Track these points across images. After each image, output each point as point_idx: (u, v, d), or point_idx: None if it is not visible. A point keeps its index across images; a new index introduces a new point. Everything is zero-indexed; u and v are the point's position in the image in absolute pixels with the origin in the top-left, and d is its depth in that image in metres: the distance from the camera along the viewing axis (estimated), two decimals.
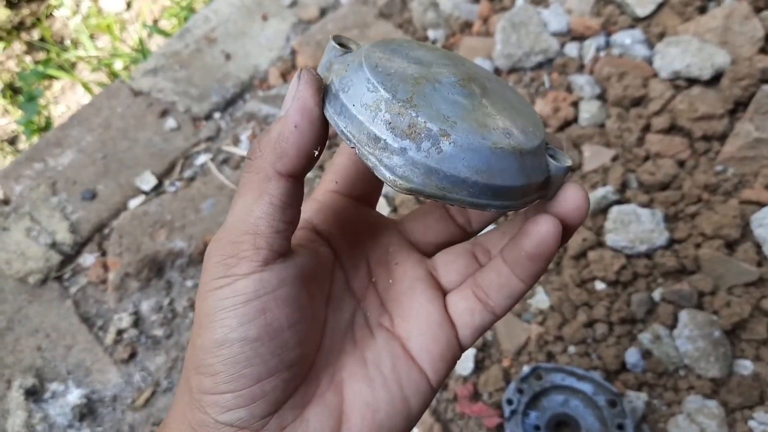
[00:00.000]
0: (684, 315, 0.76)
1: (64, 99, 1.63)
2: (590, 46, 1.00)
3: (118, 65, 1.56)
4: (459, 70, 0.31)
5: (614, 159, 0.89)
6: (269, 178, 0.29)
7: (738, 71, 0.88)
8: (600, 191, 0.85)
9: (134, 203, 1.02)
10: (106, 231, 1.00)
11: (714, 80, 0.91)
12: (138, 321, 0.91)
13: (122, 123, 1.12)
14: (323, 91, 0.29)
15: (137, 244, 0.95)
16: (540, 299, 0.82)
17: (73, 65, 1.67)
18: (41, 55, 1.73)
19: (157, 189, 1.04)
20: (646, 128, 0.91)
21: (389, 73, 0.29)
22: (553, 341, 0.79)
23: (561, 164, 0.30)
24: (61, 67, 1.61)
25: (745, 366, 0.73)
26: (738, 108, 0.88)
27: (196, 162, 1.06)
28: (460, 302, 0.34)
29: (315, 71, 0.30)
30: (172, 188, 1.04)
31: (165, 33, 1.54)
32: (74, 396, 0.85)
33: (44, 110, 1.54)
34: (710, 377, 0.73)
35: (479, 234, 0.38)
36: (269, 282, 0.29)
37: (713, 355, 0.73)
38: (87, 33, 1.69)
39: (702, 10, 0.97)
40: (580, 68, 0.99)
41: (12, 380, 0.86)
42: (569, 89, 0.97)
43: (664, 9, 0.99)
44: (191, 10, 1.58)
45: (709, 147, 0.87)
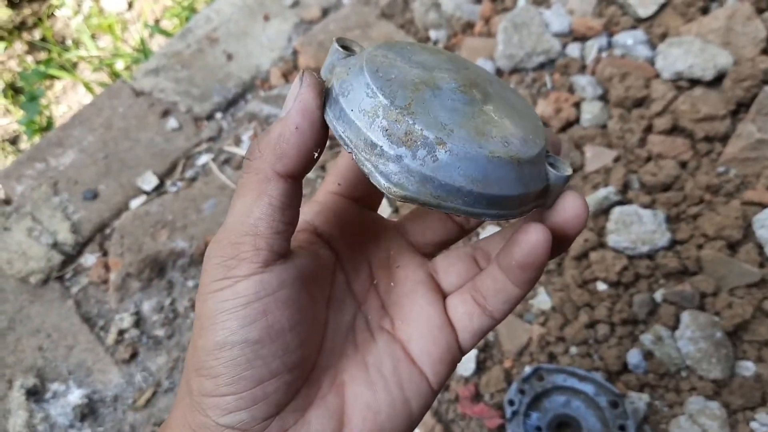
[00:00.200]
0: (686, 316, 0.76)
1: (66, 99, 1.63)
2: (592, 47, 0.99)
3: (120, 65, 1.57)
4: (461, 75, 0.31)
5: (616, 160, 0.89)
6: (269, 179, 0.29)
7: (740, 72, 0.87)
8: (602, 192, 0.85)
9: (136, 203, 1.02)
10: (108, 231, 1.00)
11: (716, 81, 0.91)
12: (139, 321, 0.91)
13: (124, 123, 1.12)
14: (324, 95, 0.29)
15: (139, 244, 0.95)
16: (542, 300, 0.82)
17: (75, 65, 1.67)
18: (43, 55, 1.73)
19: (159, 189, 1.04)
20: (648, 129, 0.91)
21: (389, 78, 0.29)
22: (555, 342, 0.79)
23: (560, 173, 0.30)
24: (63, 67, 1.61)
25: (747, 367, 0.73)
26: (740, 109, 0.88)
27: (198, 162, 1.06)
28: (460, 306, 0.34)
29: (317, 74, 0.30)
30: (174, 188, 1.04)
31: (166, 33, 1.54)
32: (75, 396, 0.85)
33: (46, 110, 1.54)
34: (712, 378, 0.73)
35: (481, 238, 0.38)
36: (270, 283, 0.29)
37: (715, 357, 0.73)
38: (88, 33, 1.69)
39: (704, 11, 0.97)
40: (582, 69, 0.99)
41: (13, 380, 0.86)
42: (571, 90, 0.97)
43: (667, 9, 0.99)
44: (193, 10, 1.58)
45: (711, 148, 0.87)
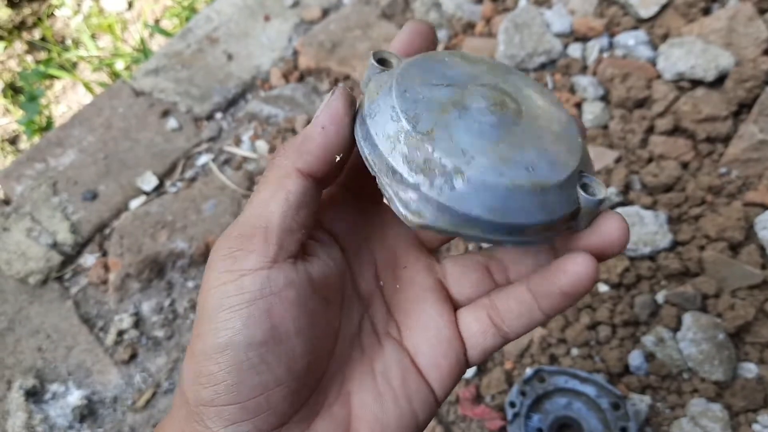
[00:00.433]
0: (688, 317, 0.75)
1: (65, 99, 1.63)
2: (593, 47, 0.99)
3: (120, 65, 1.56)
4: (495, 91, 0.30)
5: (617, 160, 0.89)
6: (288, 175, 0.29)
7: (742, 73, 0.87)
8: None
9: (135, 204, 1.02)
10: (107, 231, 1.00)
11: (718, 82, 0.90)
12: (139, 322, 0.90)
13: (123, 123, 1.11)
14: (357, 109, 0.30)
15: (138, 245, 0.95)
16: None
17: (75, 65, 1.67)
18: (42, 55, 1.73)
19: (159, 189, 1.04)
20: (650, 130, 0.90)
21: (417, 100, 0.29)
22: (556, 344, 0.78)
23: (593, 197, 0.28)
24: (63, 67, 1.61)
25: (750, 369, 0.73)
26: (742, 110, 0.88)
27: (198, 162, 1.06)
28: (474, 323, 0.32)
29: (350, 89, 0.30)
30: (174, 189, 1.03)
31: (167, 33, 1.53)
32: (75, 397, 0.84)
33: (45, 110, 1.54)
34: (714, 380, 0.73)
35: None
36: (276, 281, 0.27)
37: (717, 358, 0.73)
38: (88, 32, 1.69)
39: (706, 12, 0.97)
40: (584, 69, 0.99)
41: (12, 381, 0.86)
42: (572, 90, 0.97)
43: (668, 10, 0.99)
44: (193, 10, 1.58)
45: (713, 149, 0.87)
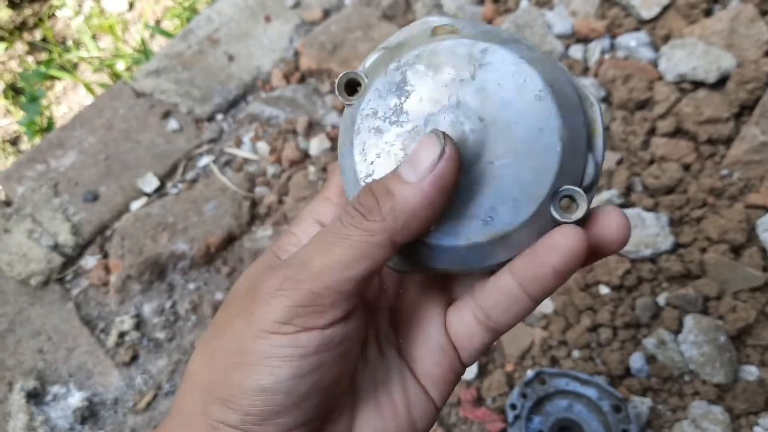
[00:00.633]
0: (689, 320, 0.75)
1: (66, 100, 1.63)
2: (595, 49, 0.99)
3: (121, 66, 1.56)
4: (454, 126, 0.29)
5: (619, 162, 0.89)
6: (382, 246, 0.27)
7: (744, 74, 0.87)
8: (605, 195, 0.85)
9: (136, 205, 1.02)
10: (108, 233, 1.00)
11: (720, 83, 0.90)
12: (140, 323, 0.90)
13: (124, 124, 1.11)
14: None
15: (139, 246, 0.95)
16: (543, 303, 0.81)
17: (75, 66, 1.67)
18: (43, 56, 1.73)
19: (160, 191, 1.03)
20: (651, 131, 0.90)
21: (374, 154, 0.31)
22: (557, 346, 0.78)
23: (566, 219, 0.28)
24: (63, 68, 1.61)
25: (751, 371, 0.73)
26: (744, 111, 0.88)
27: (199, 164, 1.06)
28: (459, 326, 0.32)
29: (458, 148, 0.27)
30: (175, 190, 1.03)
31: (167, 34, 1.53)
32: (75, 399, 0.84)
33: (46, 111, 1.54)
34: (715, 383, 0.72)
35: None
36: (332, 340, 0.28)
37: (718, 361, 0.72)
38: (89, 33, 1.69)
39: (707, 13, 0.97)
40: (585, 70, 0.99)
41: (13, 383, 0.86)
42: None
43: (670, 11, 0.99)
44: (194, 11, 1.58)
45: (715, 151, 0.87)
